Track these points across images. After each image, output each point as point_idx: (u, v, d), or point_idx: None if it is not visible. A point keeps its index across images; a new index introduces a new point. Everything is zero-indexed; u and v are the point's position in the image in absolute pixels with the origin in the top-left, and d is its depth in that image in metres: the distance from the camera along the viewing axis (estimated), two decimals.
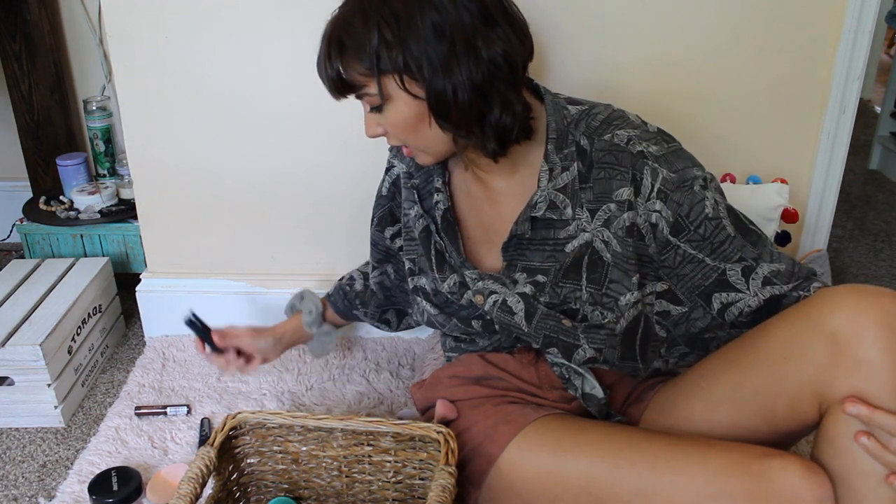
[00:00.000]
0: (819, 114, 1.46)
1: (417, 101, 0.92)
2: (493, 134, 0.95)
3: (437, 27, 0.88)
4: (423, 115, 0.94)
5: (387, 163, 1.20)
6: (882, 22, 2.63)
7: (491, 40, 0.90)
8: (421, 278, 1.14)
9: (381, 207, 1.22)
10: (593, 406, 1.08)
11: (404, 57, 0.89)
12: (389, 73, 0.91)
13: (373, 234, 1.25)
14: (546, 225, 1.02)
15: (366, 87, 0.93)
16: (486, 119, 0.94)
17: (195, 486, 0.96)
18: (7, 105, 1.92)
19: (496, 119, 0.94)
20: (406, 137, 0.99)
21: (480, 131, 0.95)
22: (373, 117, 0.99)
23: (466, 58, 0.89)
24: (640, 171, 0.96)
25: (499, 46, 0.90)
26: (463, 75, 0.89)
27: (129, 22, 1.43)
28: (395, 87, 0.92)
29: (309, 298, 1.37)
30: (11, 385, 1.40)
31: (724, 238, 0.96)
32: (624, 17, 1.39)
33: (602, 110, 1.01)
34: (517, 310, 1.03)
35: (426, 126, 0.95)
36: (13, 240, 2.12)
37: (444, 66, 0.89)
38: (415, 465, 1.09)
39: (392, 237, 1.22)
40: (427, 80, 0.90)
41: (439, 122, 0.94)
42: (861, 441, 0.82)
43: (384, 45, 0.89)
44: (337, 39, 0.92)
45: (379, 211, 1.22)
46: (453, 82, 0.90)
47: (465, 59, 0.89)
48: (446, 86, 0.90)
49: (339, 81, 0.94)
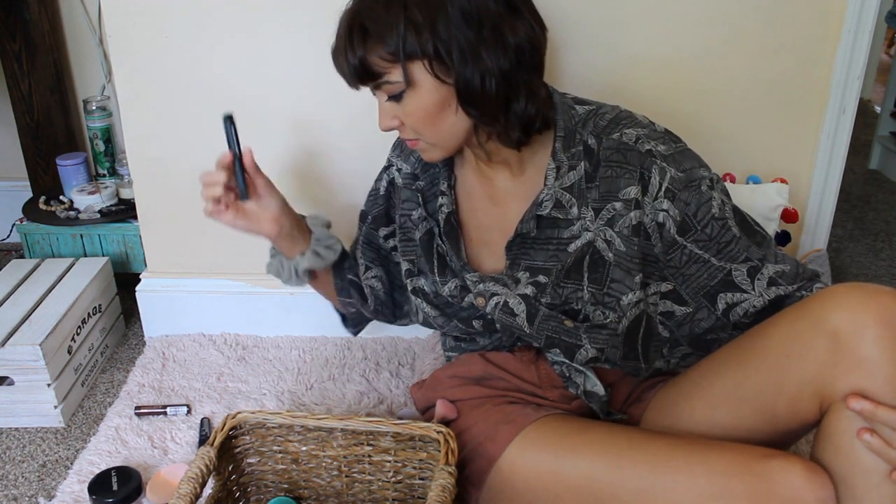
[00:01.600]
0: (819, 114, 1.46)
1: (444, 87, 0.91)
2: (518, 122, 0.95)
3: (465, 12, 0.87)
4: (447, 102, 0.93)
5: (386, 161, 1.19)
6: (882, 22, 2.63)
7: (516, 28, 0.90)
8: (420, 279, 1.13)
9: (376, 206, 1.20)
10: (595, 403, 1.08)
11: (434, 41, 0.88)
12: (417, 57, 0.89)
13: (366, 232, 1.22)
14: (551, 224, 1.02)
15: (387, 73, 0.92)
16: (512, 107, 0.93)
17: (195, 486, 0.96)
18: (7, 105, 1.92)
19: (521, 107, 0.93)
20: (423, 128, 0.96)
21: (505, 119, 0.94)
22: (389, 108, 0.96)
23: (494, 44, 0.89)
24: (649, 170, 0.96)
25: (524, 34, 0.90)
26: (491, 62, 0.89)
27: (129, 22, 1.43)
28: (423, 72, 0.90)
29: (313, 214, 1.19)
30: (11, 385, 1.40)
31: (731, 238, 0.96)
32: (624, 17, 1.39)
33: (609, 110, 1.01)
34: (518, 311, 1.03)
35: (448, 114, 0.94)
36: (13, 240, 2.12)
37: (473, 52, 0.88)
38: (415, 465, 1.09)
39: (385, 237, 1.21)
40: (456, 65, 0.89)
41: (466, 109, 0.93)
42: (864, 438, 0.82)
43: (412, 29, 0.88)
44: (359, 26, 0.90)
45: (374, 209, 1.20)
46: (482, 69, 0.89)
47: (493, 45, 0.89)
48: (475, 72, 0.89)
49: (361, 68, 0.92)
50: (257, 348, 1.62)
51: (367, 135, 1.47)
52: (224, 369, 1.56)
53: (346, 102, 1.47)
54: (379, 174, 1.20)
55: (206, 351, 1.61)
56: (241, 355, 1.60)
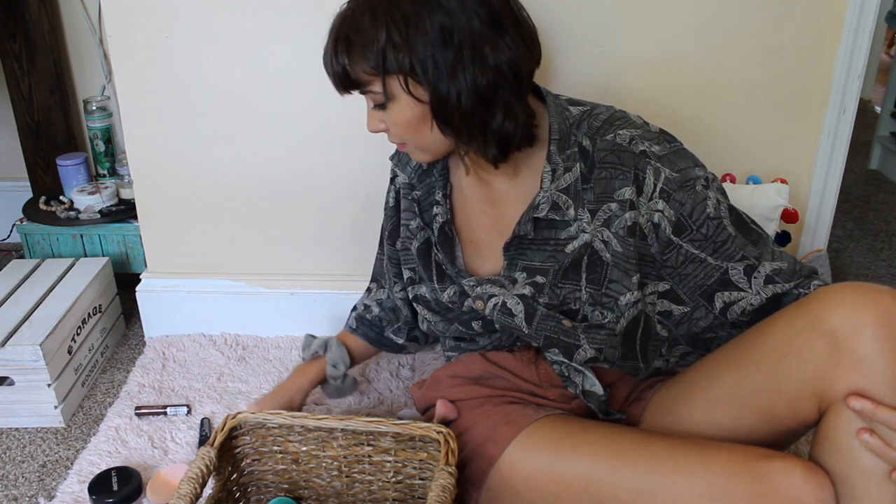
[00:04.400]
0: (819, 114, 1.46)
1: (420, 103, 0.93)
2: (495, 140, 0.95)
3: (445, 31, 0.88)
4: (425, 117, 0.94)
5: (391, 172, 1.20)
6: (882, 22, 2.63)
7: (499, 47, 0.90)
8: (421, 287, 1.14)
9: (390, 220, 1.21)
10: (594, 403, 1.08)
11: (410, 59, 0.89)
12: (394, 73, 0.91)
13: (388, 250, 1.22)
14: (548, 225, 1.02)
15: (370, 84, 0.94)
16: (489, 126, 0.94)
17: (195, 486, 0.96)
18: (7, 105, 1.92)
19: (498, 126, 0.94)
20: (406, 137, 0.99)
21: (482, 137, 0.95)
22: (375, 114, 0.99)
23: (472, 64, 0.89)
24: (643, 171, 0.96)
25: (506, 54, 0.90)
26: (467, 81, 0.89)
27: (129, 22, 1.43)
28: (399, 88, 0.92)
29: (336, 350, 1.25)
30: (11, 385, 1.40)
31: (726, 237, 0.96)
32: (623, 17, 1.39)
33: (604, 111, 1.01)
34: (517, 311, 1.03)
35: (427, 128, 0.96)
36: (13, 240, 2.12)
37: (450, 70, 0.89)
38: (415, 465, 1.09)
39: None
40: (431, 83, 0.90)
41: (441, 127, 0.94)
42: (863, 438, 0.82)
43: (391, 46, 0.89)
44: (344, 36, 0.92)
45: (389, 224, 1.21)
46: (457, 87, 0.90)
47: (470, 64, 0.89)
48: (450, 90, 0.90)
49: (345, 77, 0.95)
50: (257, 348, 1.62)
51: (369, 135, 1.47)
52: (224, 369, 1.56)
53: (346, 102, 1.47)
54: (388, 187, 1.21)
55: (206, 351, 1.61)
56: (242, 355, 1.60)
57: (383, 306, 1.30)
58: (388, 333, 1.31)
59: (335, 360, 1.25)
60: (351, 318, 1.34)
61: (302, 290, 1.62)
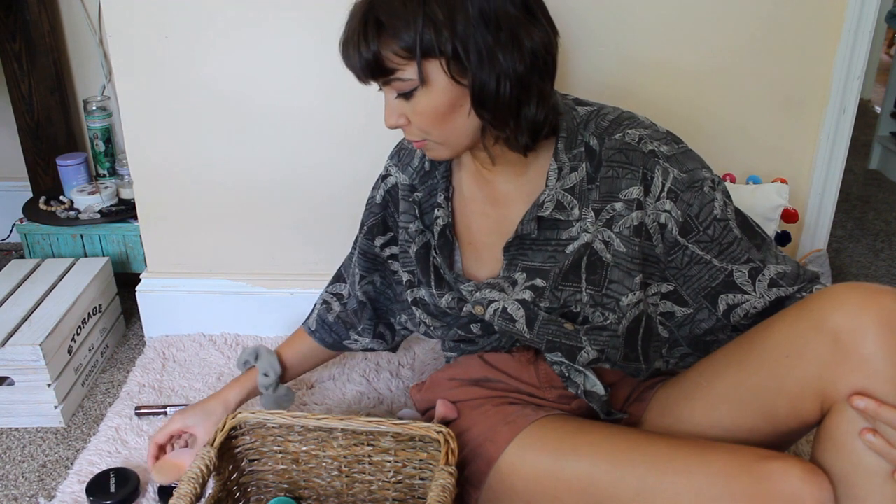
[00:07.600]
0: (819, 114, 1.46)
1: (458, 87, 0.90)
2: (527, 127, 0.94)
3: (484, 13, 0.86)
4: (458, 102, 0.91)
5: (383, 170, 1.18)
6: (882, 22, 2.63)
7: (532, 32, 0.89)
8: (420, 290, 1.13)
9: (373, 216, 1.19)
10: (596, 403, 1.08)
11: (452, 41, 0.86)
12: (433, 56, 0.88)
13: (362, 243, 1.21)
14: (552, 225, 1.01)
15: (400, 70, 0.89)
16: (522, 112, 0.93)
17: (195, 486, 0.96)
18: (7, 105, 1.92)
19: (532, 112, 0.93)
20: (431, 127, 0.94)
21: (515, 124, 0.93)
22: (397, 105, 0.94)
23: (511, 47, 0.88)
24: (651, 171, 0.96)
25: (539, 38, 0.90)
26: (507, 65, 0.88)
27: (129, 22, 1.43)
28: (438, 71, 0.89)
29: (266, 358, 1.24)
30: (11, 385, 1.40)
31: (732, 240, 0.96)
32: (623, 18, 1.39)
33: (611, 111, 1.01)
34: (518, 317, 1.03)
35: (458, 115, 0.93)
36: (13, 240, 2.12)
37: (490, 54, 0.87)
38: (415, 465, 1.09)
39: (382, 246, 1.19)
40: (473, 66, 0.88)
41: (479, 112, 0.92)
42: (866, 438, 0.82)
43: (431, 27, 0.86)
44: (375, 19, 0.88)
45: (371, 219, 1.19)
46: (498, 72, 0.88)
47: (509, 48, 0.88)
48: (491, 75, 0.88)
49: (374, 63, 0.89)
50: None
51: (369, 134, 1.47)
52: (224, 369, 1.55)
53: (346, 102, 1.47)
54: (375, 182, 1.19)
55: (206, 351, 1.61)
56: None
57: (346, 307, 1.27)
58: (348, 342, 1.28)
59: (265, 367, 1.23)
60: (312, 317, 1.31)
61: (302, 290, 1.62)
